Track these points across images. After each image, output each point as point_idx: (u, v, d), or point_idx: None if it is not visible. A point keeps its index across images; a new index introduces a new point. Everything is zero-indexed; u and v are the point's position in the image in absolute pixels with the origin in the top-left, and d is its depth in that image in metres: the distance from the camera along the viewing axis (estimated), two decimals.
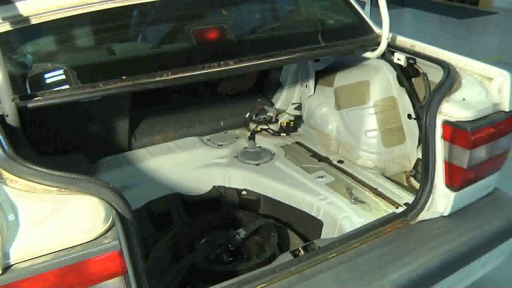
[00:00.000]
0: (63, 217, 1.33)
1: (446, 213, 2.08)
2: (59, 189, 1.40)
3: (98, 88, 1.78)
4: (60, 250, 1.30)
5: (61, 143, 2.52)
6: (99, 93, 1.79)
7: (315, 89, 2.96)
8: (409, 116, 2.48)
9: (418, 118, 2.37)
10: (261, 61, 2.10)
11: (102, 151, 2.66)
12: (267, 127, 3.04)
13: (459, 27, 8.98)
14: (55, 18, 1.87)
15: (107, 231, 1.35)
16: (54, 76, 1.86)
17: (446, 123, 1.96)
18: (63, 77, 1.84)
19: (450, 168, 2.00)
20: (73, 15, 1.90)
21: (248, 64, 2.07)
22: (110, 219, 1.37)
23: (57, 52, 2.02)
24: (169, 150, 2.76)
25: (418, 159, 2.47)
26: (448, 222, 2.07)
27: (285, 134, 3.04)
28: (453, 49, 2.19)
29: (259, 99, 3.29)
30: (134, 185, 2.50)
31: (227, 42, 2.29)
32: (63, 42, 2.07)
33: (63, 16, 1.88)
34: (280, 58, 2.14)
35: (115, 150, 2.71)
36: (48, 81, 1.85)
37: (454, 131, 1.94)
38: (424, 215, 2.06)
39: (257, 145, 2.92)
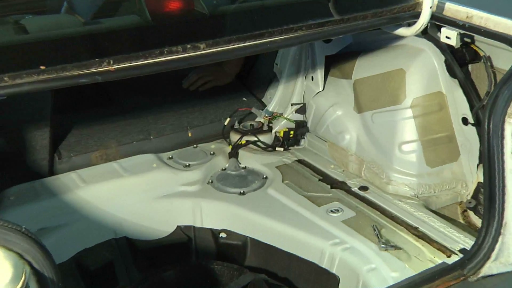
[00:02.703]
0: None
1: None
2: None
3: (3, 84, 1.76)
4: None
5: None
6: (4, 91, 1.76)
7: (325, 82, 2.97)
8: (465, 121, 2.49)
9: (478, 124, 2.38)
10: (246, 44, 2.10)
11: (8, 177, 2.64)
12: (256, 139, 3.04)
13: None
14: None
15: None
16: None
17: None
18: None
19: None
20: None
21: (227, 47, 2.07)
22: (22, 279, 1.36)
23: None
24: (111, 173, 2.75)
25: (479, 184, 2.48)
26: None
27: (282, 149, 3.05)
28: None
29: (243, 99, 3.32)
30: (58, 227, 2.48)
31: (196, 16, 2.31)
32: None
33: None
34: (274, 39, 2.15)
35: (29, 175, 2.69)
36: None
37: None
38: (490, 268, 2.05)
39: (241, 165, 2.92)
